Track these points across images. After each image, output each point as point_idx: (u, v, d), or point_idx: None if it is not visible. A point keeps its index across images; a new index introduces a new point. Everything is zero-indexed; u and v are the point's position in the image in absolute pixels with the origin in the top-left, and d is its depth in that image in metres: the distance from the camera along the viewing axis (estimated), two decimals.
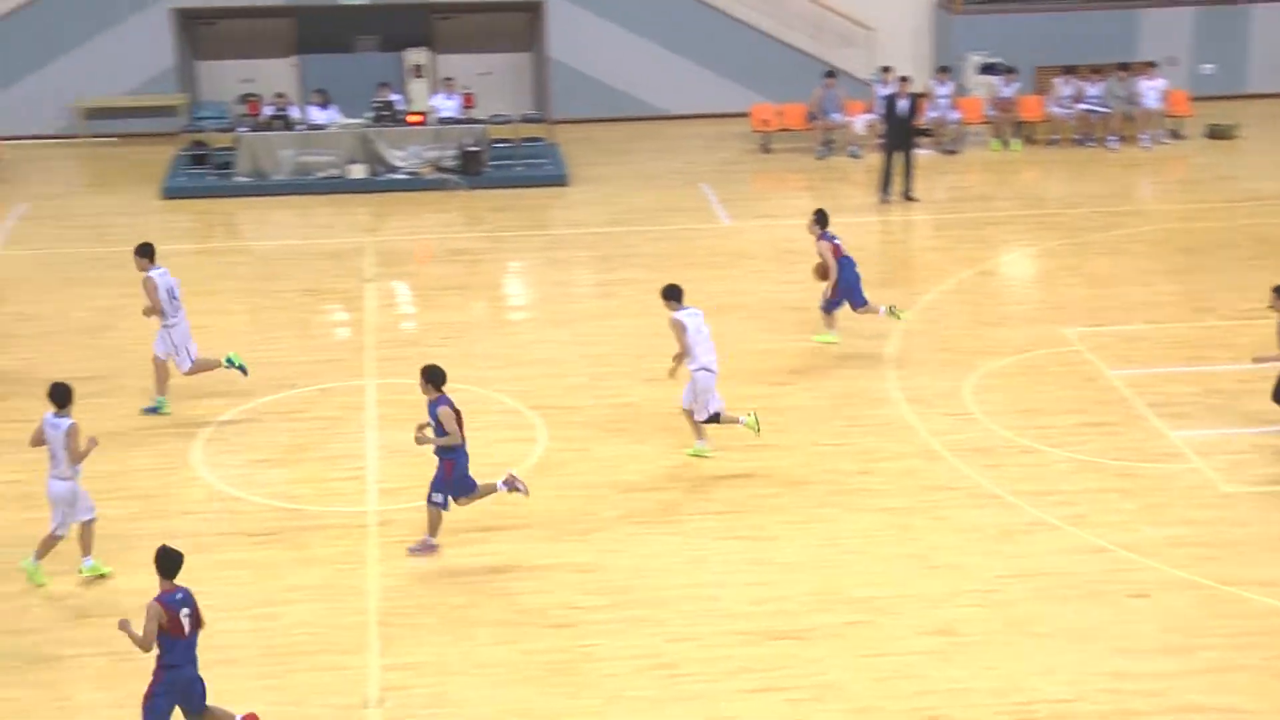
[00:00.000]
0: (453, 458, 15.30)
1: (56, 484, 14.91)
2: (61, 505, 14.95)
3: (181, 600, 12.04)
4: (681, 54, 31.99)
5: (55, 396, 14.80)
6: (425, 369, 15.36)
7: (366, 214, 26.56)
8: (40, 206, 26.77)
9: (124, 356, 20.22)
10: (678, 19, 31.91)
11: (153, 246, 18.71)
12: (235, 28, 31.68)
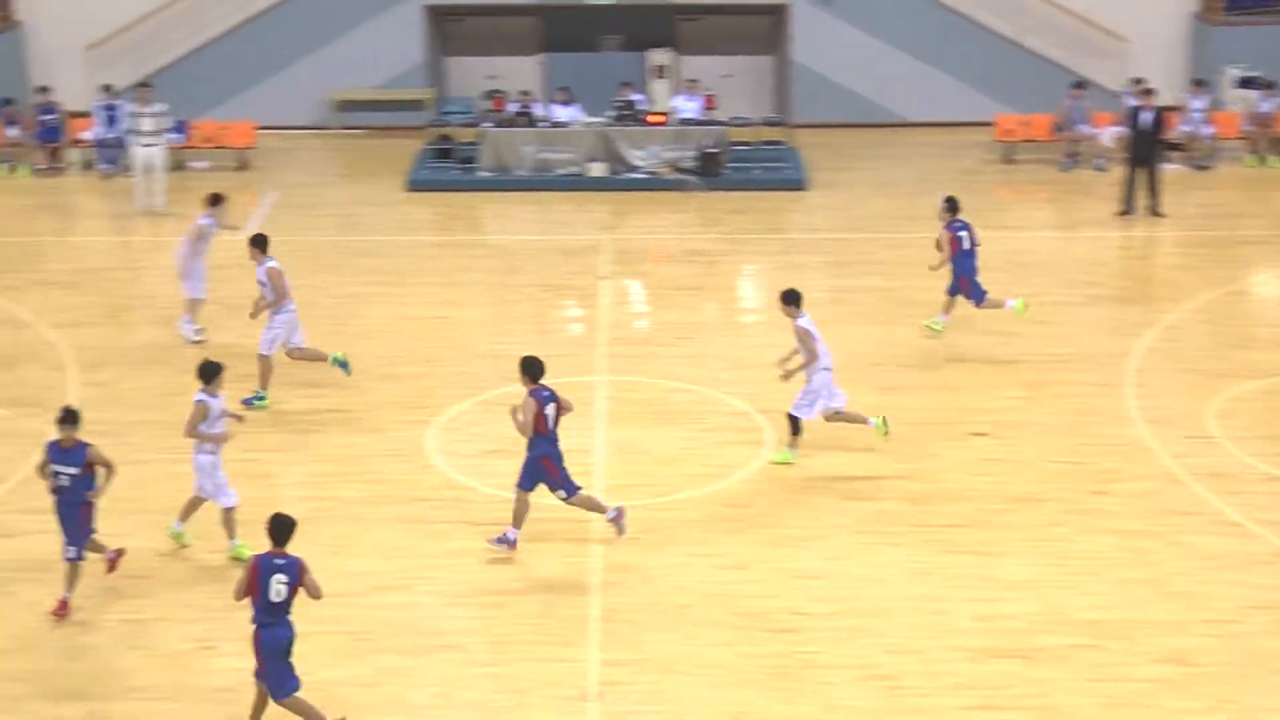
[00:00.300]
0: (545, 454, 15.38)
1: (198, 456, 15.39)
2: (202, 477, 15.43)
3: (279, 567, 12.43)
4: (925, 61, 31.62)
5: (201, 373, 15.33)
6: (522, 360, 15.52)
7: (604, 212, 26.80)
8: (291, 194, 27.57)
9: (366, 343, 20.70)
10: (923, 25, 31.55)
11: (266, 238, 19.00)
12: (483, 25, 32.23)
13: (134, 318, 21.52)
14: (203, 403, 15.14)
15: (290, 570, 12.49)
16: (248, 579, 12.47)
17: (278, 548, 12.58)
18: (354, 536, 15.92)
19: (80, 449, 14.27)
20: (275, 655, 12.54)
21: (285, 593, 12.44)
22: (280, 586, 12.43)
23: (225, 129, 29.42)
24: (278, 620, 12.54)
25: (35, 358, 20.27)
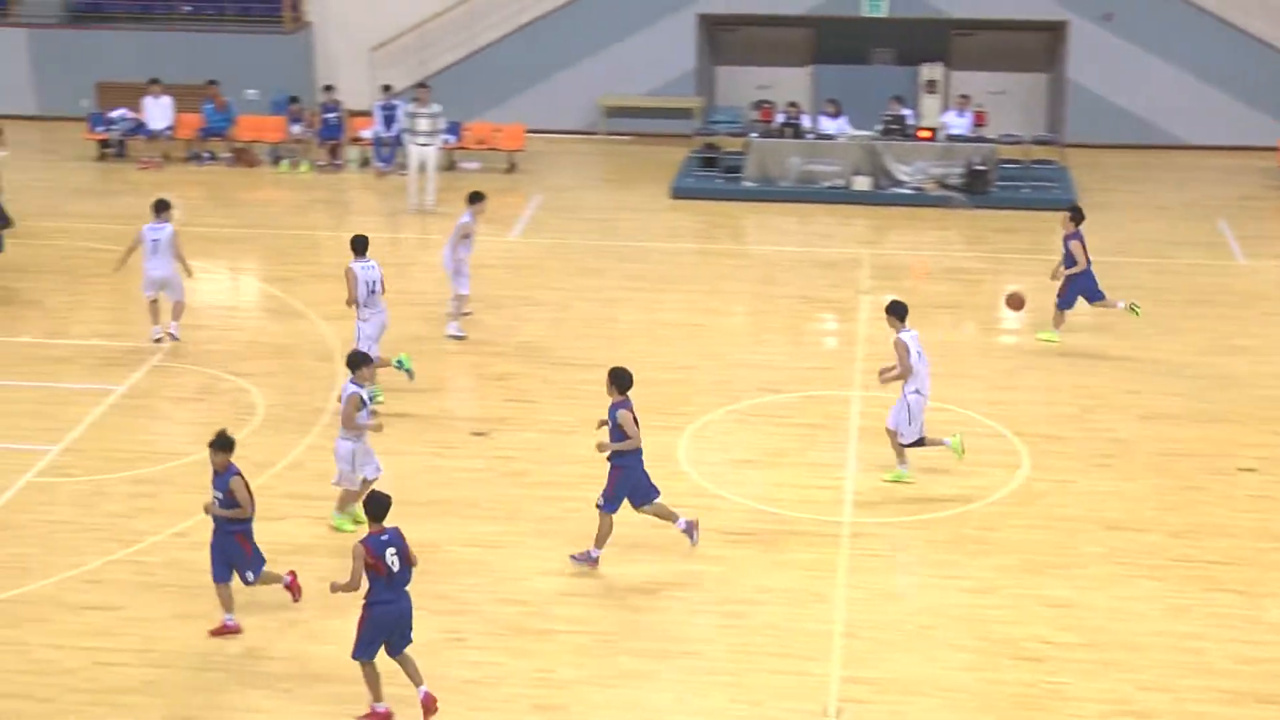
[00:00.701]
0: (623, 464, 15.26)
1: (340, 443, 15.77)
2: (341, 462, 15.76)
3: (387, 541, 12.80)
4: (1207, 80, 30.64)
5: (350, 363, 15.69)
6: (611, 371, 15.34)
7: (866, 226, 26.59)
8: (556, 197, 27.99)
9: (622, 347, 20.89)
10: (1207, 43, 30.58)
11: (365, 240, 19.11)
12: (755, 35, 32.28)
13: (400, 313, 22.03)
14: (356, 394, 15.57)
15: (397, 542, 12.93)
16: (367, 563, 12.81)
17: (377, 525, 12.95)
18: (613, 540, 16.04)
19: (226, 475, 14.00)
20: (379, 628, 12.97)
21: (399, 564, 12.89)
22: (395, 559, 12.87)
23: (497, 131, 30.03)
24: (398, 595, 12.97)
25: (306, 348, 20.94)
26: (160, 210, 20.67)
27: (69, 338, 21.15)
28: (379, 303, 19.08)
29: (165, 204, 20.83)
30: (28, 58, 32.44)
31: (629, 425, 15.12)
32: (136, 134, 29.98)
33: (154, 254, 20.48)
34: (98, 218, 26.05)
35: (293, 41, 32.22)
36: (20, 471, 17.29)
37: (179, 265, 20.54)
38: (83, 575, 15.21)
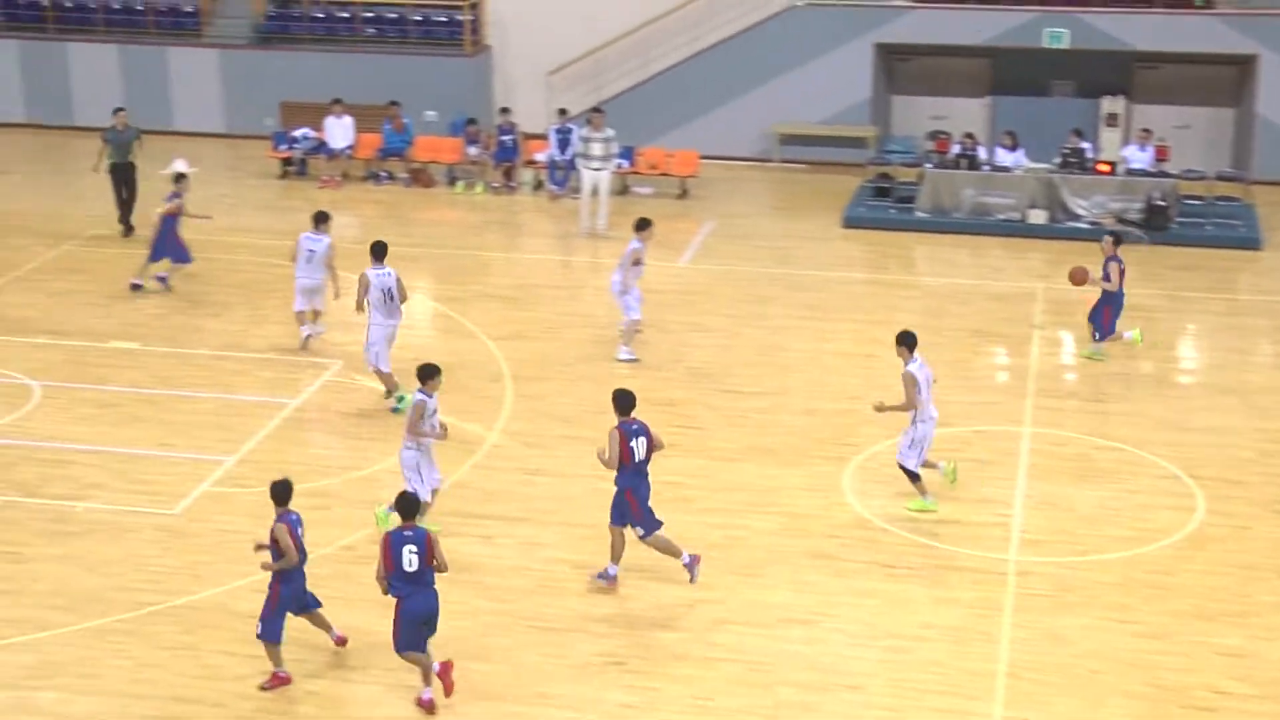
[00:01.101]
0: (630, 485, 15.17)
1: (404, 453, 16.03)
2: (406, 471, 15.98)
3: (410, 538, 13.32)
4: None
5: (421, 374, 15.94)
6: (614, 394, 15.38)
7: (1041, 260, 26.19)
8: (728, 224, 28.00)
9: (791, 376, 20.84)
10: None
11: (384, 246, 19.37)
12: (932, 65, 32.03)
13: (571, 335, 22.23)
14: (422, 402, 15.82)
15: (419, 541, 13.35)
16: (383, 556, 13.35)
17: (406, 521, 13.43)
18: (764, 567, 16.01)
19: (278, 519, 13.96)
20: (411, 622, 13.46)
21: (417, 563, 13.30)
22: (412, 557, 13.28)
23: (670, 157, 30.14)
24: (417, 589, 13.39)
25: (475, 367, 21.18)
26: (320, 222, 21.21)
27: (247, 350, 21.62)
28: (395, 310, 19.34)
29: (325, 216, 21.38)
30: (218, 78, 33.31)
31: (611, 445, 15.09)
32: (318, 153, 30.59)
33: (308, 264, 21.05)
34: (278, 234, 26.59)
35: (472, 64, 32.68)
36: (198, 480, 17.71)
37: (329, 278, 21.03)
38: (253, 584, 15.50)
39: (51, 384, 20.25)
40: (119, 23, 33.97)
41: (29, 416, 19.46)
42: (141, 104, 33.23)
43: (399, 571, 13.35)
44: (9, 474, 17.91)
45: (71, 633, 14.77)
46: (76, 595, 15.41)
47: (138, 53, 33.52)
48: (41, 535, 16.59)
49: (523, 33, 32.93)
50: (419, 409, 15.92)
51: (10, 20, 34.11)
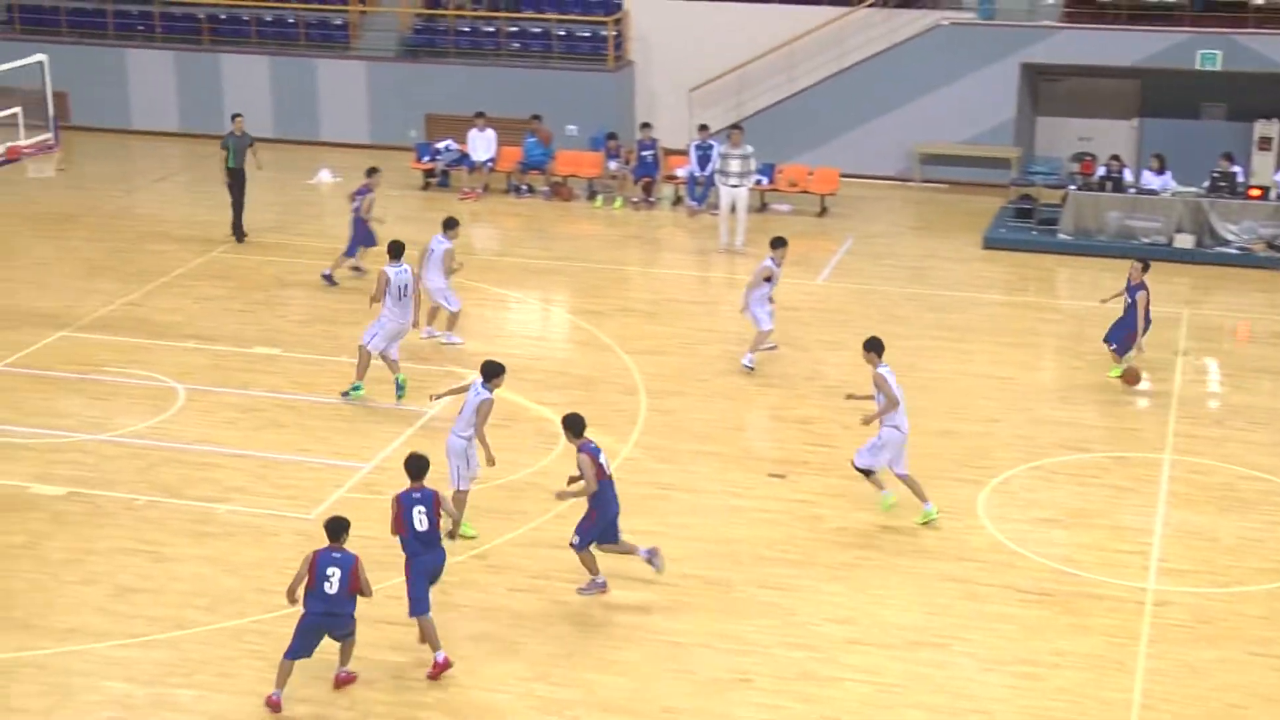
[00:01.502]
0: (597, 506, 15.26)
1: (455, 439, 16.34)
2: (455, 459, 16.32)
3: (419, 499, 14.25)
4: None
5: (485, 370, 16.31)
6: (565, 418, 15.49)
7: (1186, 285, 25.70)
8: (866, 243, 27.83)
9: (926, 397, 20.62)
10: None
11: (402, 245, 20.28)
12: (1080, 86, 31.59)
13: (706, 351, 22.22)
14: (490, 401, 16.24)
15: (427, 501, 14.26)
16: (395, 515, 14.23)
17: (415, 483, 14.34)
18: (896, 588, 15.87)
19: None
20: (420, 577, 14.27)
21: (426, 522, 14.19)
22: (421, 516, 14.18)
23: (810, 174, 30.03)
24: (426, 549, 14.26)
25: (611, 381, 21.24)
26: (448, 227, 21.80)
27: None
28: (407, 307, 20.06)
29: (454, 221, 22.00)
30: (365, 89, 33.81)
31: (586, 469, 15.18)
32: (460, 165, 30.90)
33: (429, 265, 21.82)
34: (418, 245, 26.87)
35: (615, 79, 32.84)
36: (335, 486, 17.94)
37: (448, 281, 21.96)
38: (386, 590, 15.65)
39: (196, 387, 20.64)
40: (270, 35, 34.63)
41: (174, 419, 19.85)
42: (289, 115, 33.92)
43: (411, 531, 14.22)
44: (153, 475, 18.28)
45: (209, 632, 15.03)
46: (215, 595, 15.68)
47: (288, 64, 34.14)
48: (183, 535, 16.91)
49: (666, 48, 33.02)
50: (487, 407, 16.28)
51: (167, 32, 34.90)
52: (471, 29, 33.94)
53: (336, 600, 13.64)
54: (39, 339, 22.37)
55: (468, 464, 16.52)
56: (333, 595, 13.62)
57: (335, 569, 13.63)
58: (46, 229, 27.89)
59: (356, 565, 13.66)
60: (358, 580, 13.64)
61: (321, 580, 13.62)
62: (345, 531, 13.86)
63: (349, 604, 13.73)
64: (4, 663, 14.48)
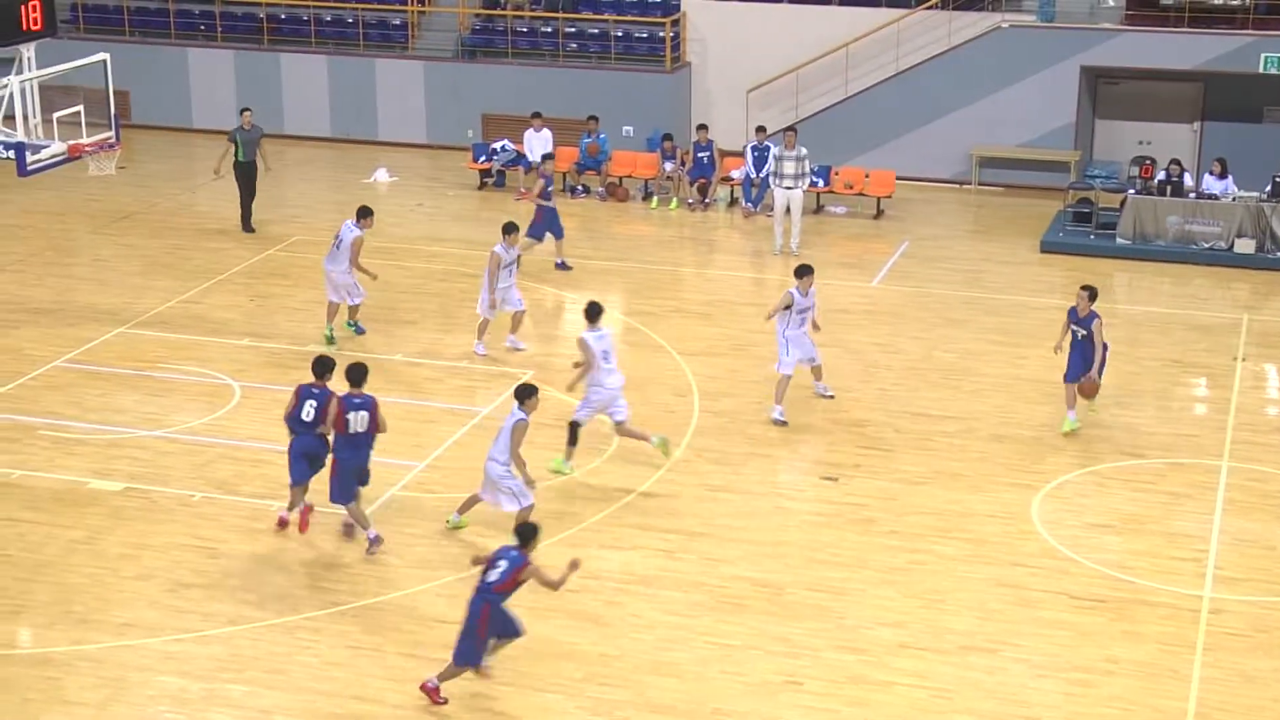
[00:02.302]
0: (338, 457, 16.39)
1: (490, 464, 16.30)
2: (503, 483, 16.25)
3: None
4: None
5: (519, 393, 16.31)
6: (347, 367, 16.47)
7: (1247, 290, 25.48)
8: (921, 246, 27.71)
9: (980, 401, 20.55)
10: None
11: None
12: (1140, 89, 31.36)
13: (759, 353, 22.17)
14: (524, 423, 16.13)
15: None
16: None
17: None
18: (948, 593, 15.80)
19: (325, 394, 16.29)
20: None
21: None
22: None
23: (867, 177, 29.94)
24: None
25: (664, 382, 21.24)
26: (508, 232, 21.70)
27: (440, 358, 21.96)
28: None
29: (513, 226, 21.89)
30: (422, 89, 33.94)
31: (334, 409, 16.27)
32: (516, 165, 30.97)
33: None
34: (474, 244, 27.01)
35: (671, 80, 32.84)
36: (388, 485, 18.01)
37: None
38: (437, 589, 15.74)
39: (251, 385, 20.77)
40: (330, 35, 34.82)
41: (229, 416, 19.99)
42: (347, 113, 34.11)
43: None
44: (208, 471, 18.42)
45: (261, 628, 15.13)
46: (267, 592, 15.78)
47: (346, 64, 34.33)
48: (236, 531, 17.03)
49: (723, 50, 33.00)
50: (522, 429, 16.16)
51: (228, 32, 35.15)
52: (529, 29, 34.03)
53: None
54: (98, 335, 22.58)
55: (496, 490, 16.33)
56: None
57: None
58: (106, 226, 28.16)
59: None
60: (326, 414, 16.27)
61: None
62: (329, 372, 16.51)
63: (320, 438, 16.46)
64: (61, 656, 14.63)
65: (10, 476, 18.28)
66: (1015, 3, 31.68)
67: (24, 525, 17.13)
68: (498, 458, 16.25)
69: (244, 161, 27.35)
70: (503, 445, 16.24)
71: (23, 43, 21.18)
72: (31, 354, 21.91)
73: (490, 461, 16.34)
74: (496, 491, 16.38)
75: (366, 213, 22.24)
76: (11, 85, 20.76)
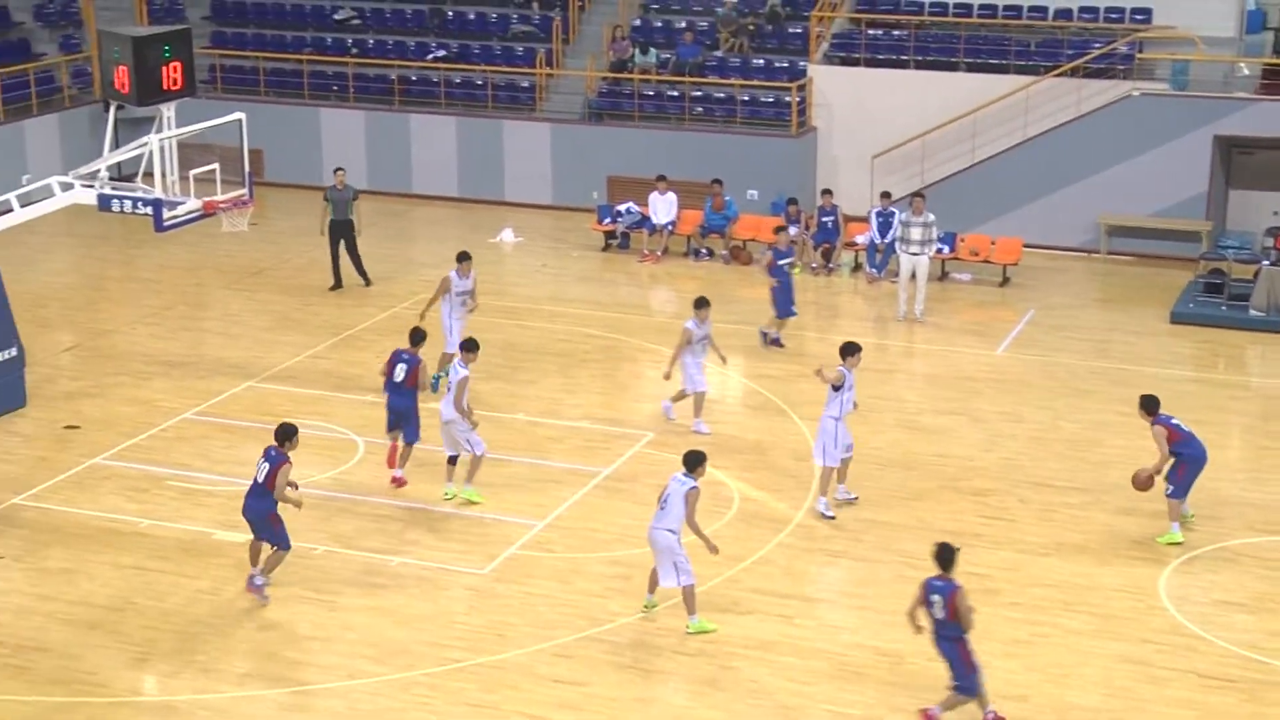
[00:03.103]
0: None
1: (661, 534, 15.89)
2: (662, 553, 15.90)
3: (939, 589, 14.17)
4: None
5: (687, 460, 16.05)
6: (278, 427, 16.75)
7: None
8: (1048, 314, 27.38)
9: (1105, 471, 20.22)
10: None
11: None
12: (1276, 159, 30.84)
13: (879, 419, 22.01)
14: (695, 489, 15.93)
15: (945, 592, 14.11)
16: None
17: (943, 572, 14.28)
18: (1073, 668, 15.52)
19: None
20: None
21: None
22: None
23: (993, 244, 29.69)
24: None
25: (785, 446, 21.12)
26: (699, 307, 21.38)
27: (561, 418, 22.03)
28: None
29: (704, 301, 21.53)
30: (549, 151, 34.24)
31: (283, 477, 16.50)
32: (640, 227, 31.11)
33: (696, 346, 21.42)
34: (597, 305, 27.13)
35: (797, 145, 32.85)
36: (507, 543, 18.07)
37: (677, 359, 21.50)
38: (554, 648, 15.72)
39: (375, 440, 20.94)
40: (459, 96, 35.28)
41: (351, 471, 20.18)
42: (475, 174, 34.46)
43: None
44: (329, 525, 18.58)
45: (379, 683, 15.19)
46: (385, 647, 15.86)
47: (474, 125, 34.73)
48: (355, 586, 17.15)
49: (849, 115, 32.96)
50: (695, 496, 16.02)
51: (360, 92, 35.74)
52: (655, 93, 34.23)
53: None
54: (227, 389, 22.93)
55: (670, 561, 16.05)
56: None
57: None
58: (238, 281, 28.64)
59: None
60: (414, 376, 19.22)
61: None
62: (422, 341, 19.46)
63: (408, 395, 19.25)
64: (184, 705, 14.79)
65: (139, 525, 18.58)
66: (1147, 71, 31.36)
67: (151, 574, 17.40)
68: (666, 527, 15.97)
69: (337, 220, 27.76)
70: (675, 514, 15.92)
71: (164, 102, 21.65)
72: (163, 405, 22.29)
73: (660, 532, 16.01)
74: (661, 561, 16.11)
75: (464, 257, 22.89)
76: (152, 143, 21.22)
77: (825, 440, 18.85)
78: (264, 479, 16.49)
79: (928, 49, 33.15)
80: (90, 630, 16.23)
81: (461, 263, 22.83)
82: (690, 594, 16.06)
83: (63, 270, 29.51)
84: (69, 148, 33.60)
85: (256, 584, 16.71)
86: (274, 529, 16.72)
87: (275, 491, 16.45)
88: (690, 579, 16.04)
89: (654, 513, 16.13)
